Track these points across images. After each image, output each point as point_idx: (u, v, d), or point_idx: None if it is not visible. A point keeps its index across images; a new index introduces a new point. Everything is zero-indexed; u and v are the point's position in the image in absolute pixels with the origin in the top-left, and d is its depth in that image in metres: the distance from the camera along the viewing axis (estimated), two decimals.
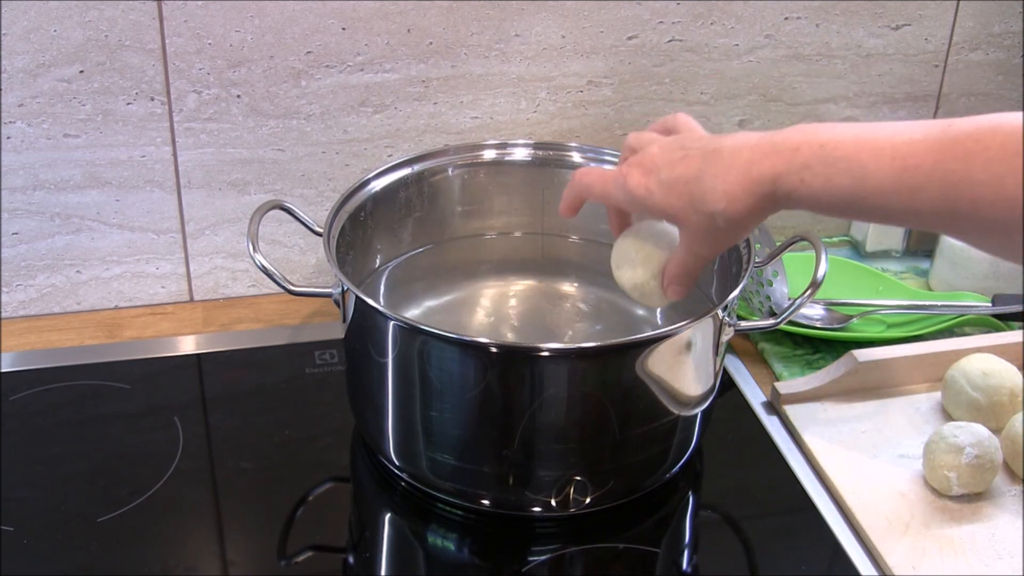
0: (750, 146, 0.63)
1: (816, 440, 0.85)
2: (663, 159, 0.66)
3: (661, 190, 0.66)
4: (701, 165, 0.64)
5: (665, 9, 1.01)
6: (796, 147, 0.61)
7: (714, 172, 0.63)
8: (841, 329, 0.98)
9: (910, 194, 0.57)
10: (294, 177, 1.00)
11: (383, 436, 0.78)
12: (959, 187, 0.55)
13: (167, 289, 1.02)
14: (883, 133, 0.59)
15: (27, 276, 0.98)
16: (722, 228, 0.64)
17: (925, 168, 0.56)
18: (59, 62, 0.90)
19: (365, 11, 0.94)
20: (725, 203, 0.63)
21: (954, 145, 0.55)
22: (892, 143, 0.58)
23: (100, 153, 0.94)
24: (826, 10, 1.05)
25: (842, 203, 0.60)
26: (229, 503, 0.79)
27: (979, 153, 0.54)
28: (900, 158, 0.57)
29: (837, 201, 0.60)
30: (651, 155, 0.67)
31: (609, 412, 0.73)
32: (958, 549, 0.75)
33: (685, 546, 0.80)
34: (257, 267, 0.79)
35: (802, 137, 0.61)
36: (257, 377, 0.93)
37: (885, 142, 0.58)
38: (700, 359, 0.76)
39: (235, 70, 0.94)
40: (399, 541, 0.80)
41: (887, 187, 0.57)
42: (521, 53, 0.99)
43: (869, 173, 0.58)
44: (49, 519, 0.77)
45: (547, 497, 0.75)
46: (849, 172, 0.59)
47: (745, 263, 0.79)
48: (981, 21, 1.09)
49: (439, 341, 0.71)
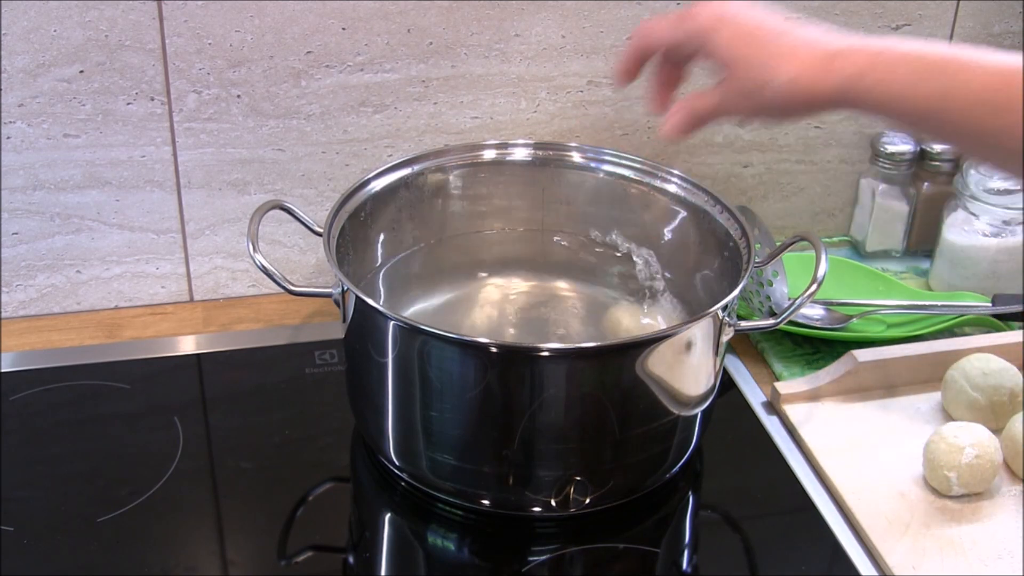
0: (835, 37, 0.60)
1: (816, 440, 0.85)
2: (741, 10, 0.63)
3: (730, 33, 0.63)
4: (784, 27, 0.61)
5: (665, 9, 1.01)
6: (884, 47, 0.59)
7: (790, 40, 0.61)
8: (841, 329, 0.98)
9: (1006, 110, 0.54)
10: (294, 177, 1.00)
11: (383, 436, 0.78)
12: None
13: (167, 289, 1.02)
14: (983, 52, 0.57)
15: (27, 276, 0.98)
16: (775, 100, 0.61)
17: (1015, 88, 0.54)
18: (59, 62, 0.90)
19: (365, 11, 0.94)
20: (796, 73, 0.60)
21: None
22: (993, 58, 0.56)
23: (100, 153, 0.94)
24: (826, 10, 1.05)
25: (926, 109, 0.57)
26: (229, 503, 0.79)
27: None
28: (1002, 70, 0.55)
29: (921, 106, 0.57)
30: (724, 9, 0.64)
31: (609, 412, 0.73)
32: (958, 549, 0.75)
33: (685, 546, 0.80)
34: (257, 267, 0.79)
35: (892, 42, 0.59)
36: (257, 377, 0.93)
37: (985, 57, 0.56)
38: (700, 359, 0.76)
39: (235, 70, 0.94)
40: (399, 541, 0.80)
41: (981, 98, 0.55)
42: (521, 53, 0.99)
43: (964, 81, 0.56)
44: (49, 519, 0.77)
45: (547, 497, 0.75)
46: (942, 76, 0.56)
47: (745, 263, 0.79)
48: (981, 21, 1.09)
49: (439, 341, 0.71)
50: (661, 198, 0.90)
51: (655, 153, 1.07)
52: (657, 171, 0.90)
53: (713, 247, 0.86)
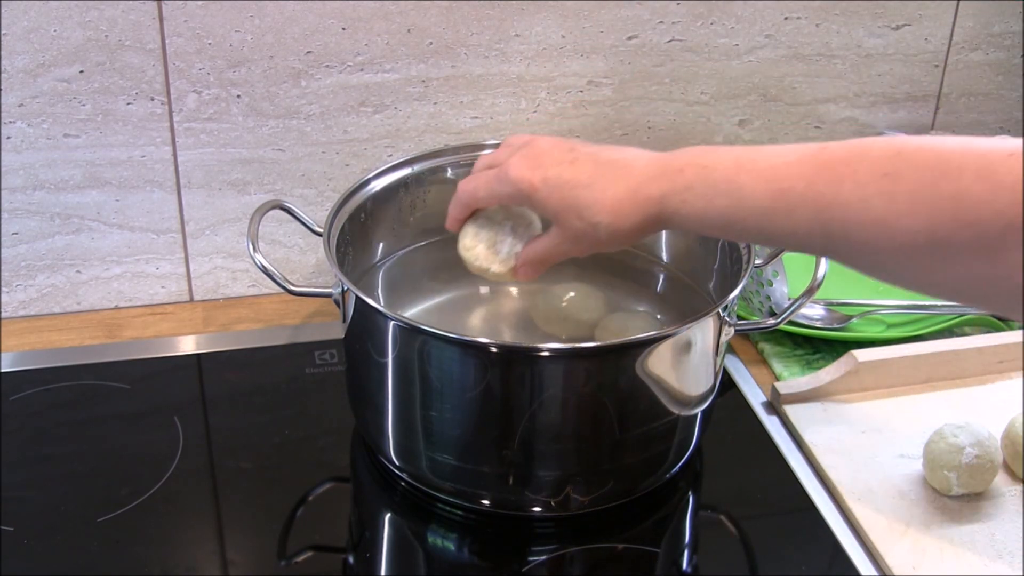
0: (641, 165, 0.65)
1: (816, 440, 0.85)
2: (551, 157, 0.67)
3: (546, 188, 0.66)
4: (592, 174, 0.65)
5: (665, 9, 1.01)
6: (681, 168, 0.63)
7: (603, 184, 0.65)
8: (841, 329, 0.98)
9: (785, 215, 0.59)
10: (294, 177, 1.00)
11: (383, 436, 0.78)
12: (830, 209, 0.57)
13: (167, 289, 1.02)
14: (762, 156, 0.61)
15: (27, 276, 0.98)
16: (603, 238, 0.66)
17: (798, 190, 0.58)
18: (59, 62, 0.90)
19: (365, 11, 0.94)
20: (612, 217, 0.64)
21: (825, 168, 0.57)
22: (769, 165, 0.60)
23: (100, 153, 0.94)
24: (826, 10, 1.05)
25: (722, 223, 0.62)
26: (229, 503, 0.79)
27: (848, 176, 0.56)
28: (776, 180, 0.59)
29: (718, 222, 0.62)
30: (538, 149, 0.68)
31: (609, 412, 0.73)
32: (958, 549, 0.75)
33: (685, 546, 0.80)
34: (257, 267, 0.79)
35: (687, 159, 0.63)
36: (257, 377, 0.93)
37: (763, 164, 0.60)
38: (700, 359, 0.76)
39: (235, 70, 0.94)
40: (399, 541, 0.80)
41: (763, 208, 0.59)
42: (521, 53, 0.99)
43: (746, 195, 0.60)
44: (49, 519, 0.77)
45: (547, 497, 0.75)
46: (728, 193, 0.61)
47: (745, 263, 0.79)
48: (981, 21, 1.09)
49: (439, 341, 0.71)
50: None
51: None
52: None
53: (713, 247, 0.86)
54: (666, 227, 0.65)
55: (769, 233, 0.60)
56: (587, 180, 0.65)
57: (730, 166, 0.61)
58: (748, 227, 0.61)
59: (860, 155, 0.56)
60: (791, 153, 0.60)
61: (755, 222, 0.60)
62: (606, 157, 0.66)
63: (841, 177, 0.56)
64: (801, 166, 0.58)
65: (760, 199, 0.59)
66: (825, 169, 0.57)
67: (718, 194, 0.61)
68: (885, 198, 0.54)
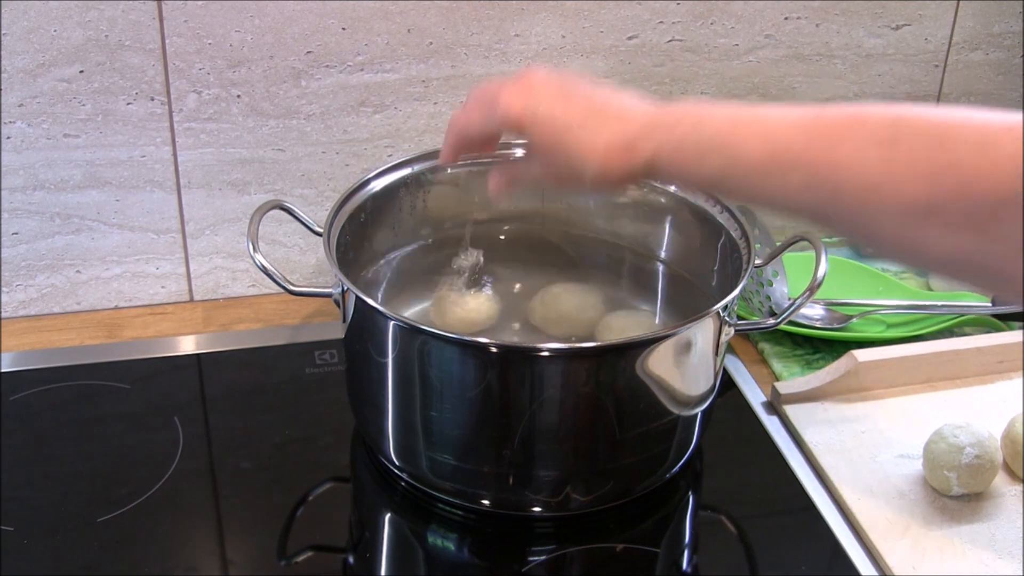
0: (636, 114, 0.63)
1: (816, 440, 0.85)
2: (544, 91, 0.66)
3: (537, 120, 0.65)
4: (584, 115, 0.64)
5: (665, 9, 1.01)
6: (676, 122, 0.62)
7: (595, 128, 0.64)
8: (841, 329, 0.98)
9: (779, 176, 0.58)
10: (294, 177, 1.00)
11: (383, 436, 0.78)
12: (824, 171, 0.56)
13: (167, 289, 1.02)
14: (759, 115, 0.59)
15: (27, 276, 0.98)
16: (587, 183, 0.65)
17: (794, 151, 0.57)
18: (59, 62, 0.90)
19: (365, 11, 0.94)
20: (600, 165, 0.63)
21: (824, 130, 0.56)
22: (765, 125, 0.59)
23: (100, 153, 0.94)
24: (826, 10, 1.05)
25: (714, 180, 0.61)
26: (229, 503, 0.79)
27: (846, 139, 0.55)
28: (771, 139, 0.58)
29: (709, 178, 0.61)
30: (533, 80, 0.67)
31: (609, 412, 0.73)
32: (958, 549, 0.75)
33: (685, 546, 0.80)
34: (257, 267, 0.79)
35: (683, 112, 0.62)
36: (257, 377, 0.93)
37: (758, 124, 0.59)
38: (700, 359, 0.76)
39: (235, 70, 0.94)
40: (399, 541, 0.80)
41: (757, 167, 0.58)
42: (521, 53, 0.99)
43: (741, 153, 0.59)
44: (49, 519, 0.77)
45: (547, 497, 0.75)
46: (722, 150, 0.60)
47: (745, 263, 0.79)
48: (981, 21, 1.09)
49: (439, 341, 0.71)
50: (661, 198, 0.90)
51: None
52: None
53: (713, 247, 0.86)
54: (654, 179, 0.64)
55: (761, 192, 0.59)
56: (579, 121, 0.64)
57: (726, 123, 0.60)
58: (740, 185, 0.60)
59: (859, 120, 0.56)
60: (789, 114, 0.58)
61: (748, 180, 0.59)
62: (601, 100, 0.65)
63: (839, 140, 0.55)
64: (798, 127, 0.57)
65: (755, 157, 0.58)
66: (823, 131, 0.56)
67: (712, 149, 0.60)
68: (882, 163, 0.54)
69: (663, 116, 0.63)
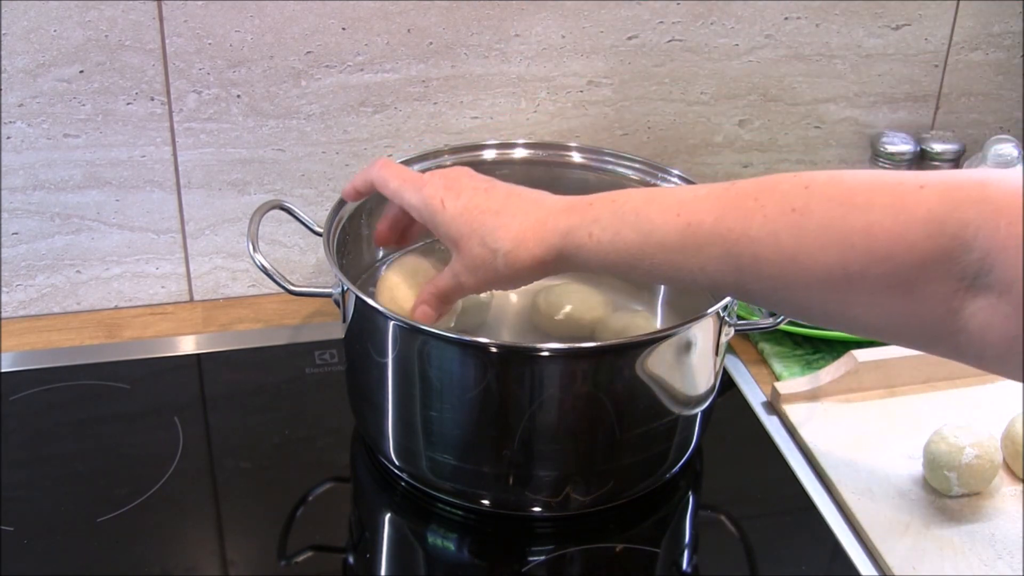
0: (552, 201, 0.65)
1: (816, 440, 0.85)
2: (468, 184, 0.68)
3: (455, 210, 0.67)
4: (503, 203, 0.66)
5: (665, 9, 1.01)
6: (590, 203, 0.63)
7: (512, 212, 0.65)
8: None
9: (695, 250, 0.58)
10: (294, 177, 1.00)
11: (383, 436, 0.78)
12: (740, 243, 0.56)
13: (167, 289, 1.02)
14: (673, 192, 0.61)
15: (27, 276, 0.98)
16: (500, 269, 0.66)
17: (708, 225, 0.57)
18: (59, 62, 0.90)
19: (365, 11, 0.94)
20: (513, 245, 0.64)
21: (734, 203, 0.57)
22: (678, 200, 0.59)
23: (100, 153, 0.94)
24: (826, 10, 1.05)
25: (630, 259, 0.61)
26: (229, 503, 0.79)
27: (757, 211, 0.55)
28: (685, 214, 0.58)
29: (625, 257, 0.61)
30: (458, 174, 0.70)
31: (609, 412, 0.73)
32: (958, 549, 0.75)
33: (685, 546, 0.80)
34: (257, 267, 0.79)
35: (598, 197, 0.63)
36: (257, 377, 0.93)
37: (672, 198, 0.60)
38: (700, 359, 0.76)
39: (235, 70, 0.94)
40: (399, 541, 0.80)
41: (672, 243, 0.59)
42: (521, 53, 0.99)
43: (655, 228, 0.59)
44: (49, 519, 0.77)
45: (547, 497, 0.75)
46: (636, 226, 0.60)
47: None
48: (981, 21, 1.09)
49: (439, 341, 0.71)
50: None
51: (655, 153, 1.07)
52: (657, 171, 0.90)
53: None
54: (570, 266, 0.64)
55: (678, 269, 0.59)
56: (497, 208, 0.66)
57: (639, 201, 0.61)
58: (656, 263, 0.60)
59: (769, 189, 0.56)
60: (701, 189, 0.60)
61: (664, 258, 0.59)
62: (520, 191, 0.67)
63: (750, 212, 0.56)
64: (710, 201, 0.58)
65: (669, 233, 0.59)
66: (734, 204, 0.57)
67: (625, 226, 0.60)
68: (795, 232, 0.54)
69: (579, 201, 0.64)
